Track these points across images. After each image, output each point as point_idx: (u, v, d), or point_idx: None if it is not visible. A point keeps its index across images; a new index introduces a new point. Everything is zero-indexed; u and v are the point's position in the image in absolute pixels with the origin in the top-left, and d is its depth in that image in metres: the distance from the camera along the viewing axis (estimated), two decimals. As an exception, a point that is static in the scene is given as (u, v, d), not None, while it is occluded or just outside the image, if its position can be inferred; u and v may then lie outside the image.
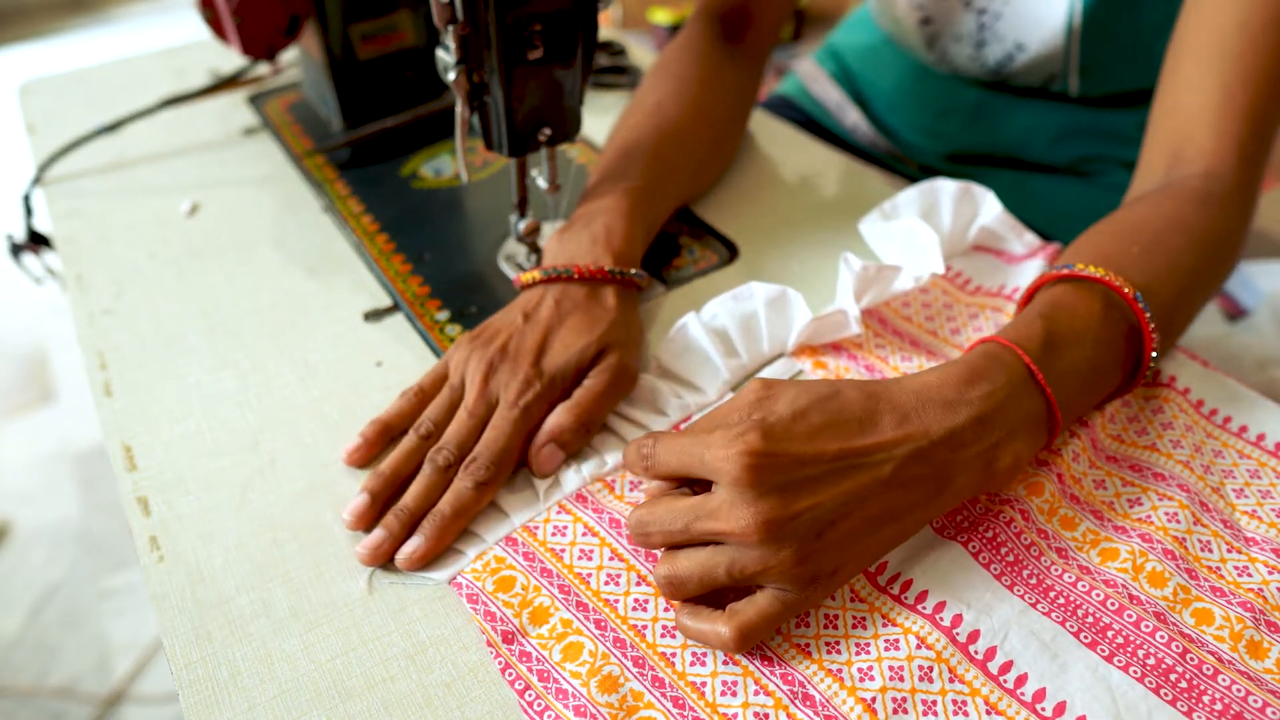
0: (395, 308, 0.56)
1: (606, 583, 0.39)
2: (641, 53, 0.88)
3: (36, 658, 1.19)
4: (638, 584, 0.39)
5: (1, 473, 1.46)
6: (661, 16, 1.64)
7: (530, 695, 0.35)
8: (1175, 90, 0.51)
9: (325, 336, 0.54)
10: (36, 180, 0.71)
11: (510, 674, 0.36)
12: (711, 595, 0.37)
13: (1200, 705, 0.34)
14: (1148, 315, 0.43)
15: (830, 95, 0.87)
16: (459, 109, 0.49)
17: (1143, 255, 0.45)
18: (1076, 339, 0.42)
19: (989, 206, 0.55)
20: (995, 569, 0.38)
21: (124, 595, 1.26)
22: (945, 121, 0.79)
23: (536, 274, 0.50)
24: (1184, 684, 0.35)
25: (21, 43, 2.81)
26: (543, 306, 0.48)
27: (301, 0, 0.67)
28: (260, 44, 0.68)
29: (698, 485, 0.38)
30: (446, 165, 0.70)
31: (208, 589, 0.40)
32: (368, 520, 0.42)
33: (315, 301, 0.56)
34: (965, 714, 0.34)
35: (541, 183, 0.55)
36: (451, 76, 0.48)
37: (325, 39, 0.69)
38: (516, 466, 0.44)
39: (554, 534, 0.41)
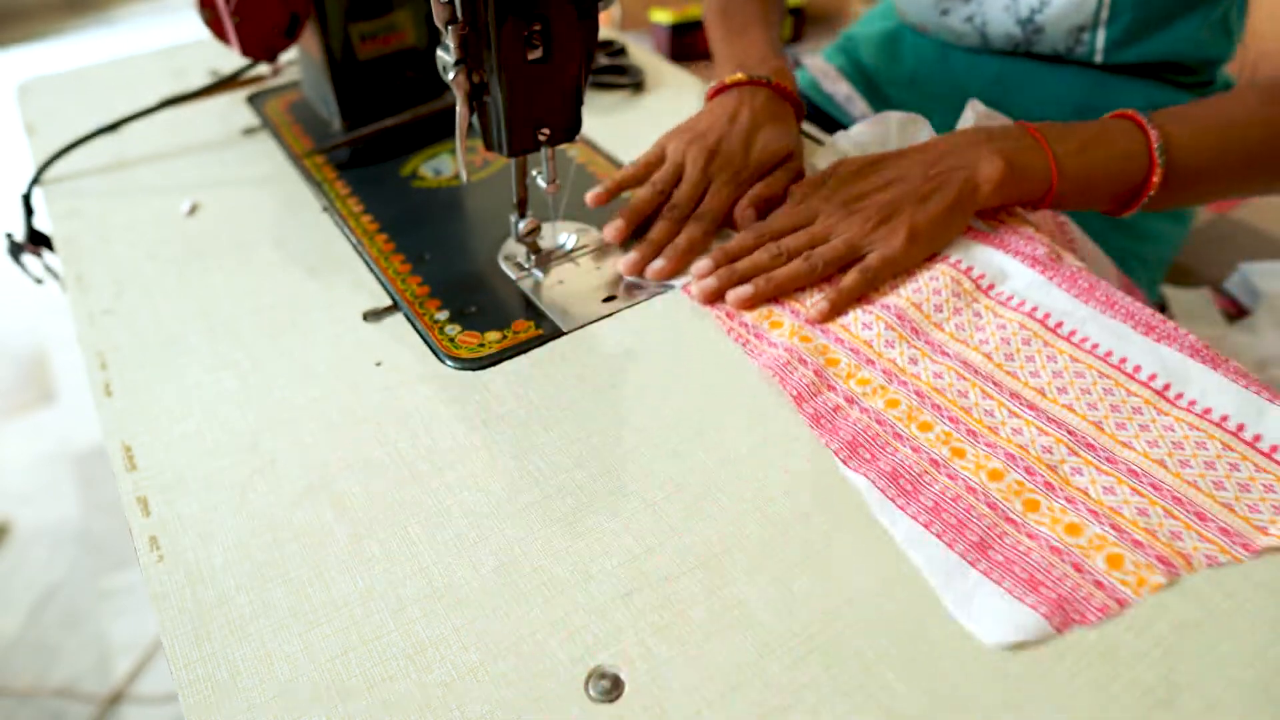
0: (395, 307, 0.56)
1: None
2: (641, 53, 0.88)
3: (36, 658, 1.19)
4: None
5: (1, 473, 1.46)
6: (661, 16, 1.64)
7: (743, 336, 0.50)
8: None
9: (325, 336, 0.54)
10: (36, 180, 0.71)
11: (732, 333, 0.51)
12: None
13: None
14: (1158, 148, 0.53)
15: (839, 88, 0.88)
16: (459, 109, 0.49)
17: (1189, 113, 0.55)
18: (1092, 137, 0.54)
19: (928, 132, 0.64)
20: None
21: (124, 595, 1.26)
22: (964, 97, 0.80)
23: (740, 75, 0.64)
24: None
25: (21, 43, 2.81)
26: (742, 111, 0.62)
27: (301, 0, 0.67)
28: (260, 44, 0.68)
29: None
30: (446, 165, 0.70)
31: (207, 589, 0.40)
32: (623, 236, 0.59)
33: (315, 301, 0.57)
34: None
35: (541, 182, 0.55)
36: (451, 76, 0.48)
37: (325, 39, 0.69)
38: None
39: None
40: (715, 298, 0.54)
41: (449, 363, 0.51)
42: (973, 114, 0.61)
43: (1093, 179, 0.55)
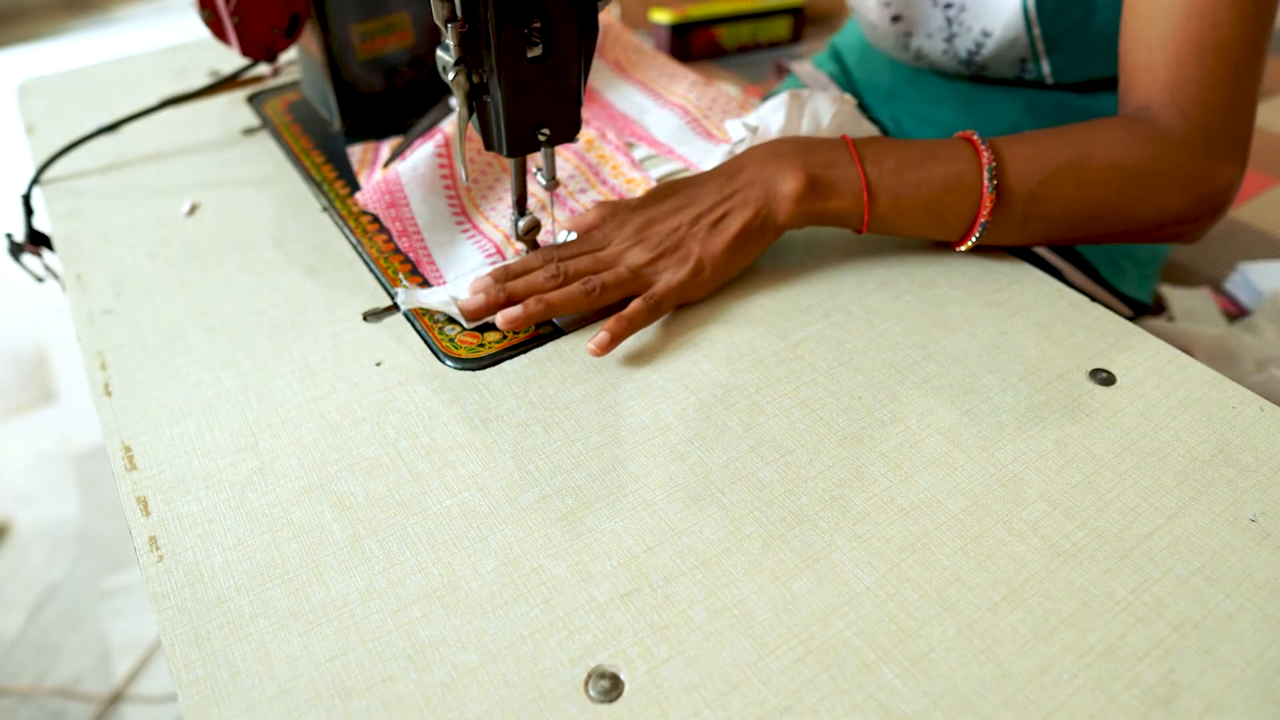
0: (395, 307, 0.56)
1: None
2: (641, 53, 0.87)
3: (36, 658, 1.19)
4: None
5: (1, 473, 1.46)
6: (661, 16, 1.64)
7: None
8: (1127, 24, 0.55)
9: (325, 336, 0.54)
10: (36, 180, 0.71)
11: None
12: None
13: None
14: (988, 170, 0.51)
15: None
16: (459, 109, 0.49)
17: (1031, 142, 0.52)
18: (917, 156, 0.52)
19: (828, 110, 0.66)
20: None
21: (124, 595, 1.26)
22: (940, 109, 0.80)
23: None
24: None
25: (21, 43, 2.81)
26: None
27: (301, 0, 0.67)
28: (260, 44, 0.68)
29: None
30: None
31: (207, 589, 0.40)
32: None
33: (315, 301, 0.57)
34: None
35: (541, 182, 0.55)
36: (451, 76, 0.48)
37: (325, 39, 0.69)
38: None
39: None
40: (482, 315, 0.52)
41: (449, 363, 0.51)
42: (781, 105, 0.62)
43: (913, 203, 0.52)
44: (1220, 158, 0.53)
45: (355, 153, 0.70)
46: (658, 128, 0.71)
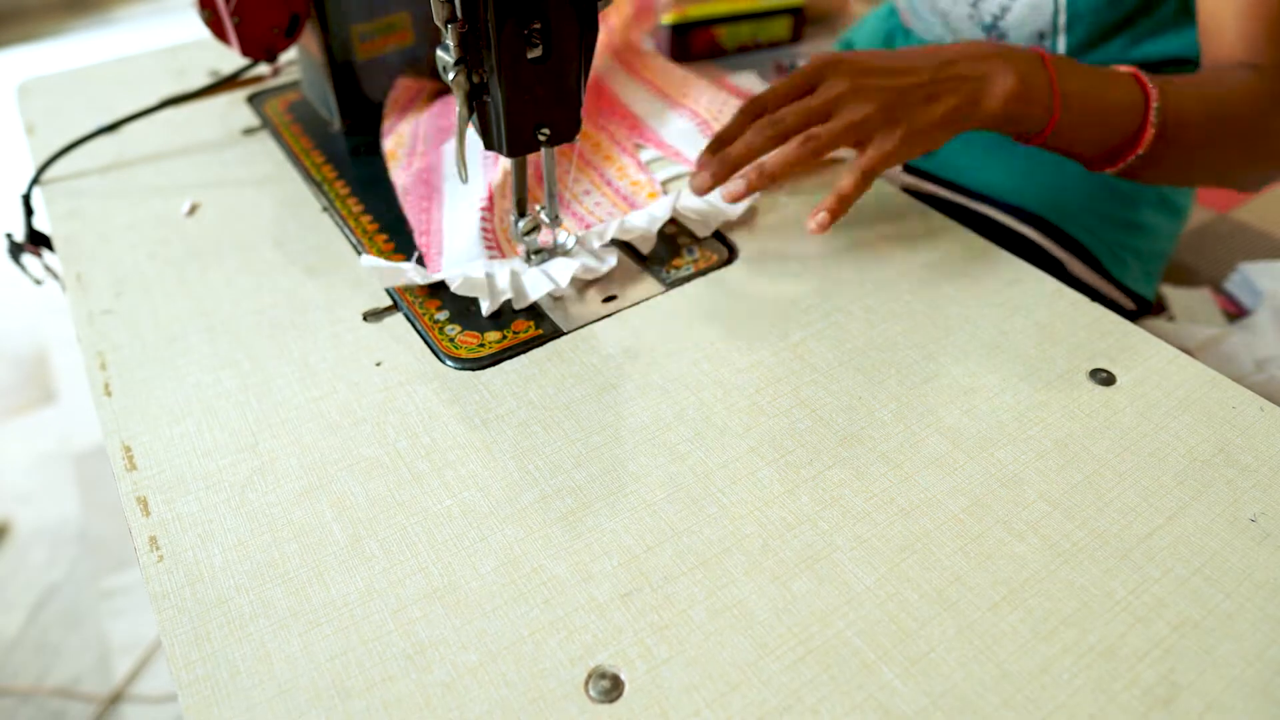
0: (395, 307, 0.56)
1: None
2: (641, 53, 0.87)
3: (36, 658, 1.19)
4: None
5: (1, 473, 1.46)
6: (662, 16, 1.64)
7: None
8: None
9: (325, 336, 0.54)
10: (36, 180, 0.70)
11: None
12: None
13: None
14: (1155, 108, 0.54)
15: None
16: (459, 109, 0.49)
17: (1182, 92, 0.56)
18: (1098, 81, 0.55)
19: None
20: None
21: (124, 595, 1.26)
22: None
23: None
24: None
25: (21, 43, 2.81)
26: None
27: (301, 0, 0.67)
28: (259, 44, 0.68)
29: None
30: (446, 165, 0.70)
31: (207, 589, 0.40)
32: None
33: (315, 301, 0.57)
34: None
35: (545, 219, 0.55)
36: (451, 76, 0.48)
37: (325, 39, 0.69)
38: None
39: None
40: (706, 190, 0.55)
41: (449, 363, 0.51)
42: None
43: (1089, 120, 0.55)
44: None
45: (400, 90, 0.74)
46: (667, 130, 0.71)
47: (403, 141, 0.70)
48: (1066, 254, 0.73)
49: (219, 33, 0.68)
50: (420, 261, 0.58)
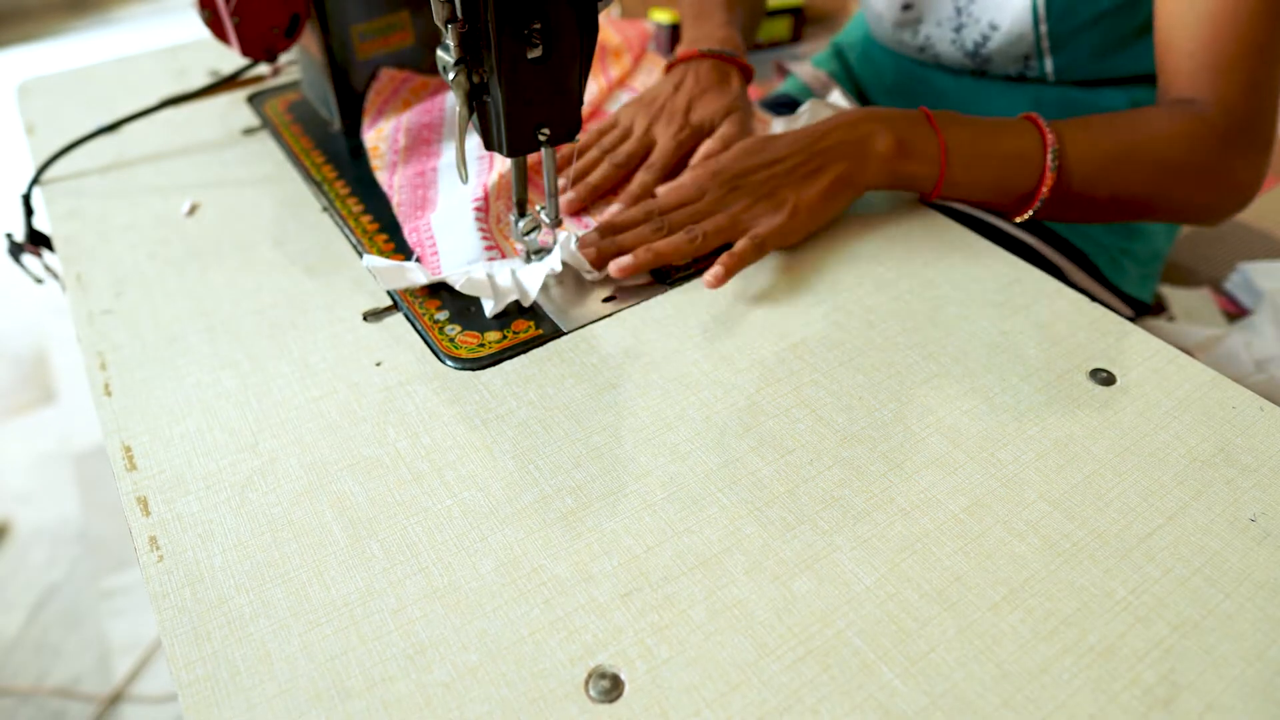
0: (395, 307, 0.56)
1: None
2: (641, 53, 0.87)
3: (36, 658, 1.19)
4: None
5: (1, 473, 1.46)
6: (662, 16, 1.64)
7: None
8: (1165, 27, 0.59)
9: (325, 336, 0.54)
10: (36, 180, 0.71)
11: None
12: None
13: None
14: (1052, 152, 0.55)
15: (831, 95, 0.88)
16: (459, 109, 0.49)
17: (1087, 128, 0.57)
18: (988, 131, 0.56)
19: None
20: None
21: (124, 595, 1.26)
22: (942, 106, 0.80)
23: (690, 50, 0.69)
24: None
25: (21, 43, 2.81)
26: (687, 79, 0.67)
27: (301, 0, 0.67)
28: (260, 44, 0.68)
29: None
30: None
31: (207, 589, 0.40)
32: (575, 205, 0.63)
33: (315, 301, 0.57)
34: None
35: (546, 220, 0.55)
36: (451, 76, 0.48)
37: (325, 39, 0.69)
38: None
39: None
40: (599, 265, 0.56)
41: (449, 363, 0.51)
42: (809, 109, 0.65)
43: (981, 168, 0.56)
44: (1251, 153, 0.58)
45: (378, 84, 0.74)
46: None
47: (384, 136, 0.70)
48: (1065, 260, 0.73)
49: (219, 33, 0.68)
50: (419, 263, 0.58)
